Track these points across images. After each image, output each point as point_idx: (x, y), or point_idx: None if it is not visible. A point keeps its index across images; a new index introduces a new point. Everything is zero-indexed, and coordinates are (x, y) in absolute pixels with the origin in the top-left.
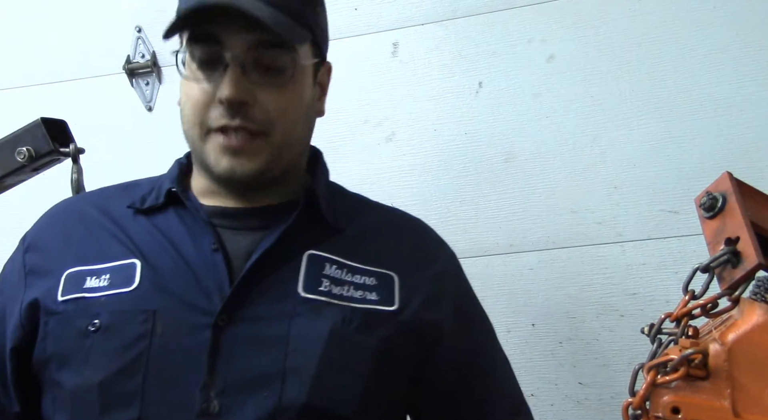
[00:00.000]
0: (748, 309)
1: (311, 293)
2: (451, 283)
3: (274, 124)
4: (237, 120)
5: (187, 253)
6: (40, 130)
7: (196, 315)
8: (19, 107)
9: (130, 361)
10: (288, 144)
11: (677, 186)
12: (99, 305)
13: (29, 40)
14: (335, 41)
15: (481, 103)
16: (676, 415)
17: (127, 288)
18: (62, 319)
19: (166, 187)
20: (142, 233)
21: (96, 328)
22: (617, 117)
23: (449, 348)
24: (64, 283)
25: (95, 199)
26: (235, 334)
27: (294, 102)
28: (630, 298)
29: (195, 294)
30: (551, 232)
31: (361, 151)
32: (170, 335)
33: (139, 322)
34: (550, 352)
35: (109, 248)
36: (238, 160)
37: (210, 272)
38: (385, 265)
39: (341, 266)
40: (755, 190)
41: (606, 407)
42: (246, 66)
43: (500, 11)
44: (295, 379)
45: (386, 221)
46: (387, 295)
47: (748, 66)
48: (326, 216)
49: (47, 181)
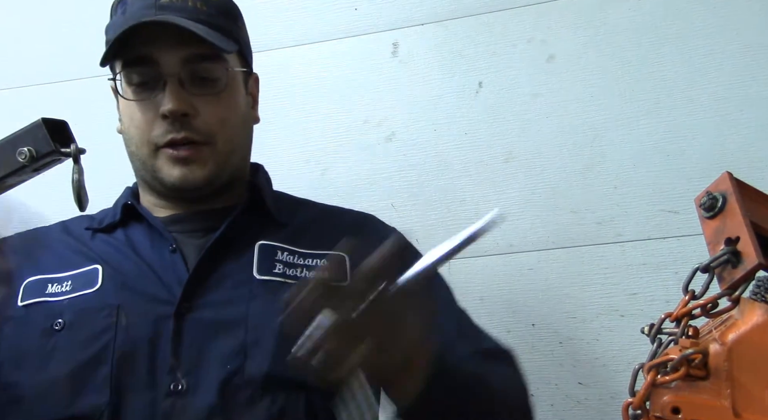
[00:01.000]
0: (748, 309)
1: (266, 275)
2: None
3: (217, 133)
4: (182, 132)
5: (147, 257)
6: (41, 131)
7: (158, 306)
8: (19, 107)
9: (98, 350)
10: (232, 151)
11: (677, 186)
12: (62, 307)
13: (30, 40)
14: (335, 41)
15: (481, 103)
16: (676, 415)
17: (90, 289)
18: (21, 322)
19: (121, 203)
20: (102, 246)
21: (61, 326)
22: (617, 117)
23: None
24: (23, 291)
25: (54, 226)
26: (197, 319)
27: (231, 110)
28: (630, 298)
29: (157, 289)
30: (551, 232)
31: (361, 151)
32: (134, 327)
33: (103, 316)
34: (550, 352)
35: (69, 259)
36: (189, 168)
37: (170, 270)
38: (333, 247)
39: (292, 253)
40: (755, 190)
41: (606, 407)
42: (183, 80)
43: (500, 11)
44: (256, 353)
45: (330, 213)
46: (339, 273)
47: (748, 66)
48: (272, 211)
49: (48, 181)
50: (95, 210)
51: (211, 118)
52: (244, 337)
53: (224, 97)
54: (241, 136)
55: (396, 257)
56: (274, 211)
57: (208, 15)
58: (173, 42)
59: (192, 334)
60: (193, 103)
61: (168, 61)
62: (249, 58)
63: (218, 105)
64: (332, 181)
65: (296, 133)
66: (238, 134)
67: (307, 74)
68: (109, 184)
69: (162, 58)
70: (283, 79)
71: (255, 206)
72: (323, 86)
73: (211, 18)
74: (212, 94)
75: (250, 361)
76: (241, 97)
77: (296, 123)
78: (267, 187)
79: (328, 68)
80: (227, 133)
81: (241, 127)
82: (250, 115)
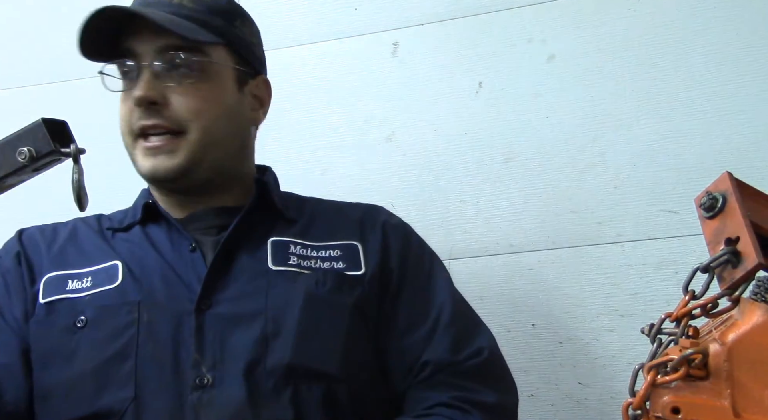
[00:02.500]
0: (748, 309)
1: (282, 266)
2: (397, 234)
3: (190, 123)
4: (152, 119)
5: (168, 256)
6: (41, 131)
7: (179, 303)
8: (19, 107)
9: (121, 346)
10: (210, 143)
11: (677, 186)
12: (84, 303)
13: (30, 40)
14: (335, 41)
15: (481, 103)
16: (676, 415)
17: (110, 285)
18: (44, 321)
19: (141, 203)
20: (122, 244)
21: (83, 324)
22: (617, 117)
23: (394, 293)
24: (44, 287)
25: (71, 222)
26: (218, 314)
27: (209, 102)
28: (630, 298)
29: (177, 287)
30: (551, 232)
31: (361, 151)
32: (156, 322)
33: (125, 313)
34: (550, 352)
35: (91, 254)
36: (158, 159)
37: (190, 268)
38: (345, 237)
39: (305, 246)
40: (755, 190)
41: (606, 407)
42: (157, 69)
43: (500, 11)
44: (277, 344)
45: (338, 207)
46: (353, 261)
47: (748, 66)
48: (280, 208)
49: (48, 181)
50: (95, 210)
51: (182, 107)
52: (264, 329)
53: (202, 89)
54: (224, 131)
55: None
56: (282, 208)
57: (193, 11)
58: (150, 34)
59: (214, 328)
60: (165, 93)
61: (144, 52)
62: (250, 58)
63: (193, 96)
64: (332, 181)
65: (296, 133)
66: (218, 127)
67: (307, 74)
68: (110, 184)
69: (139, 49)
70: (283, 79)
71: (264, 204)
72: (323, 86)
73: (196, 14)
74: (186, 84)
75: (271, 353)
76: (227, 92)
77: (296, 123)
78: (275, 186)
79: (328, 68)
80: (202, 124)
81: (223, 120)
82: (242, 113)
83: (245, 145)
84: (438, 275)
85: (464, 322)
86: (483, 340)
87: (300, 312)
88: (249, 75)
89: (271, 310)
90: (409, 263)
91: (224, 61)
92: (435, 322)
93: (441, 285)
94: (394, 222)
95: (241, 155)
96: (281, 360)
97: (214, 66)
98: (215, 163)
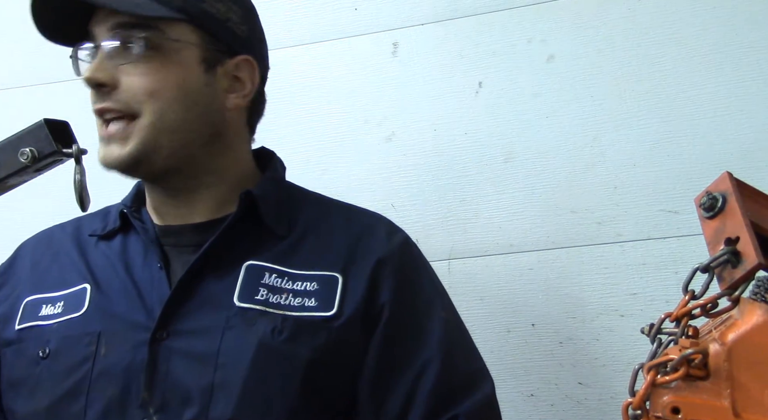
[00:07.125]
0: (748, 309)
1: (247, 302)
2: (391, 267)
3: (142, 105)
4: (103, 102)
5: (136, 273)
6: (43, 131)
7: (137, 332)
8: (21, 107)
9: (74, 384)
10: (165, 129)
11: (677, 186)
12: (51, 332)
13: (31, 40)
14: (335, 41)
15: (481, 103)
16: (676, 415)
17: (76, 313)
18: (16, 349)
19: (119, 209)
20: (99, 258)
21: (45, 354)
22: (617, 117)
23: (381, 334)
24: (22, 311)
25: (71, 227)
26: (171, 348)
27: (164, 82)
28: (630, 298)
29: (137, 312)
30: (551, 232)
31: (361, 151)
32: (113, 355)
33: (84, 345)
34: (550, 352)
35: (67, 275)
36: (109, 147)
37: (154, 289)
38: (328, 265)
39: (281, 274)
40: (755, 190)
41: (606, 407)
42: (108, 48)
43: (500, 11)
44: (221, 395)
45: (337, 221)
46: (327, 299)
47: (748, 66)
48: (268, 222)
49: (49, 181)
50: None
51: (132, 88)
52: (212, 376)
53: (156, 69)
54: (183, 114)
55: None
56: (272, 224)
57: None
58: (105, 13)
59: (167, 363)
60: (116, 74)
61: (99, 32)
62: (223, 36)
63: (146, 76)
64: (332, 181)
65: (296, 133)
66: (175, 110)
67: (307, 74)
68: (111, 184)
69: (96, 30)
70: (283, 79)
71: (252, 214)
72: (323, 86)
73: None
74: (140, 64)
75: (214, 405)
76: (189, 72)
77: (296, 123)
78: (270, 192)
79: (328, 68)
80: (155, 107)
81: (181, 103)
82: (210, 96)
83: (219, 132)
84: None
85: (449, 387)
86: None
87: (249, 363)
88: (223, 54)
89: (222, 356)
90: (401, 306)
91: (186, 38)
92: (414, 383)
93: (432, 339)
94: (391, 249)
95: (217, 145)
96: (223, 415)
97: (172, 43)
98: (176, 152)
